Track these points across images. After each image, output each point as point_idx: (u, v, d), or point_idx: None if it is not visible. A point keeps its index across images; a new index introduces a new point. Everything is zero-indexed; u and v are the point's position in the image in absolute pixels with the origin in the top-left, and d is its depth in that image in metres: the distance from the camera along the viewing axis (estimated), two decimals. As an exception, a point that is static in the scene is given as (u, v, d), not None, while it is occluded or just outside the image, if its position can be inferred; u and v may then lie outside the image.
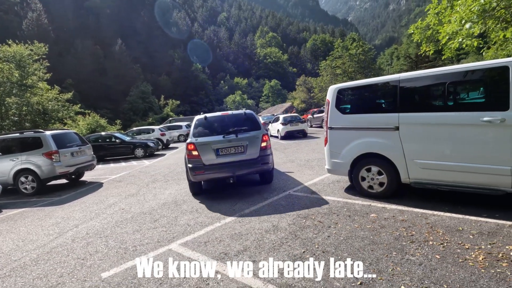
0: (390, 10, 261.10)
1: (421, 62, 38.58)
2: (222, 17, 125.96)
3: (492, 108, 3.49)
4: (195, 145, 5.21)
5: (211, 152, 5.23)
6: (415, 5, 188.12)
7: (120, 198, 6.35)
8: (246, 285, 2.56)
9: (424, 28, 8.86)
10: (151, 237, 3.94)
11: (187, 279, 2.76)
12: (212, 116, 5.75)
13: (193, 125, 5.59)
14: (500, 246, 2.76)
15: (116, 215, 5.16)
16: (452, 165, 3.77)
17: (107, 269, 3.13)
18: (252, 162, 5.34)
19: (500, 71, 3.45)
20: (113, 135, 15.16)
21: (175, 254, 3.34)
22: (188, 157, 5.28)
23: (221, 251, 3.26)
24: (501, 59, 3.56)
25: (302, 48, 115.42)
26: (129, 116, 49.26)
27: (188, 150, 5.26)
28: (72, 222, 5.00)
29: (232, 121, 5.64)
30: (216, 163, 5.23)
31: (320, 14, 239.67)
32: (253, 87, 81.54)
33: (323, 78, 41.94)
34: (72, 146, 8.30)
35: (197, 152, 5.18)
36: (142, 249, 3.57)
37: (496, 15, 6.53)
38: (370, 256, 2.81)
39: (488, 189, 3.58)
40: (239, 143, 5.35)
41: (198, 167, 5.20)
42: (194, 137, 5.35)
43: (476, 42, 6.53)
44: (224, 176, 5.26)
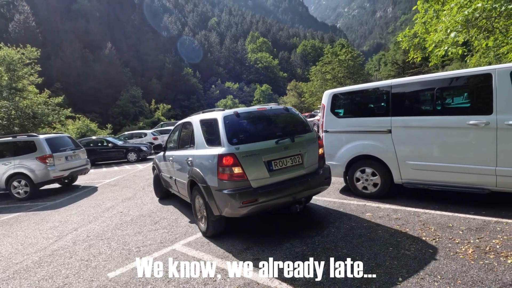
0: (377, 17, 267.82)
1: (408, 68, 39.75)
2: (213, 22, 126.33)
3: (477, 112, 3.74)
4: (236, 157, 3.17)
5: (261, 167, 3.32)
6: (401, 13, 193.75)
7: (117, 202, 6.36)
8: (252, 281, 2.68)
9: (411, 36, 9.24)
10: (154, 238, 4.00)
11: (193, 277, 2.86)
12: (246, 112, 3.72)
13: (220, 125, 3.43)
14: (487, 240, 2.97)
15: (115, 218, 5.18)
16: (441, 165, 4.00)
17: (113, 269, 3.19)
18: (313, 178, 3.69)
19: (484, 78, 3.72)
20: (105, 139, 15.03)
21: (179, 254, 3.42)
22: (222, 178, 3.23)
23: (225, 250, 3.37)
24: (485, 67, 3.83)
25: (292, 53, 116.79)
26: (119, 120, 48.58)
27: (222, 166, 3.20)
28: (71, 226, 5.00)
29: (275, 120, 3.92)
30: (270, 184, 3.36)
31: (309, 20, 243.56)
32: (244, 92, 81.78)
33: (314, 83, 42.68)
34: (66, 150, 8.23)
35: (241, 169, 3.18)
36: (146, 249, 3.64)
37: (478, 25, 6.93)
38: (368, 251, 2.97)
39: (474, 188, 3.81)
40: (297, 150, 3.63)
41: (246, 193, 3.17)
42: (230, 144, 3.25)
43: (460, 50, 6.89)
44: (282, 203, 3.46)
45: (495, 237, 3.01)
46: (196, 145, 3.90)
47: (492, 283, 2.26)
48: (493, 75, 3.61)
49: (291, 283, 2.56)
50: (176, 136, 5.05)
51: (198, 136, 3.92)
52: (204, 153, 3.62)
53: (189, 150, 4.13)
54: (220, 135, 3.38)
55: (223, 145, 3.29)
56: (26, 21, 52.38)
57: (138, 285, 2.81)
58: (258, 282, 2.64)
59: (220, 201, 3.29)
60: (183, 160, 4.25)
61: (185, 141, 4.49)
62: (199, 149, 3.81)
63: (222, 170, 3.23)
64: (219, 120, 3.49)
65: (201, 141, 3.81)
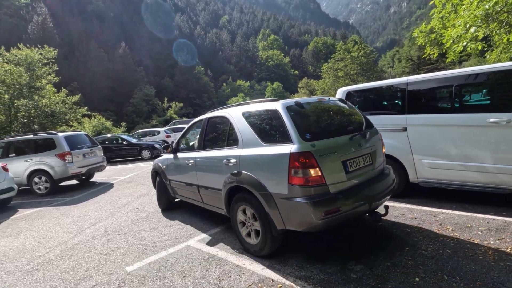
0: (391, 12, 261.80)
1: (423, 65, 38.69)
2: (224, 20, 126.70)
3: (498, 110, 3.63)
4: (314, 156, 2.57)
5: (339, 168, 2.76)
6: (416, 8, 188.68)
7: (133, 198, 6.51)
8: (267, 277, 2.71)
9: (428, 32, 9.01)
10: (169, 234, 4.09)
11: (209, 272, 2.91)
12: (308, 103, 3.16)
13: (285, 118, 2.79)
14: (508, 241, 2.89)
15: (131, 214, 5.32)
16: (459, 164, 3.90)
17: (130, 263, 3.28)
18: (384, 180, 3.16)
19: (505, 74, 3.60)
20: (119, 137, 15.39)
21: (194, 249, 3.48)
22: (294, 183, 2.56)
23: (240, 247, 3.41)
24: (506, 63, 3.71)
25: (303, 50, 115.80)
26: (132, 118, 49.55)
27: (296, 167, 2.55)
28: (89, 221, 5.16)
29: (338, 112, 3.40)
30: (348, 188, 2.79)
31: (321, 16, 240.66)
32: (256, 90, 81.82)
33: (325, 81, 42.14)
34: (83, 148, 8.48)
35: (319, 171, 2.57)
36: (162, 245, 3.72)
37: (499, 19, 6.69)
38: (383, 250, 2.95)
39: (494, 187, 3.71)
40: (368, 148, 3.14)
41: (328, 201, 2.56)
42: (303, 140, 2.63)
43: (480, 46, 6.68)
44: (361, 213, 2.87)
45: (517, 238, 2.92)
46: (243, 144, 3.13)
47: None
48: (516, 71, 3.49)
49: (305, 280, 2.57)
50: (197, 135, 4.26)
51: (244, 132, 3.16)
52: (261, 152, 2.88)
53: (228, 150, 3.35)
54: (287, 130, 2.70)
55: (294, 142, 2.62)
56: (44, 23, 53.99)
57: (156, 279, 2.89)
58: (272, 278, 2.67)
59: (289, 212, 2.63)
60: (216, 163, 3.51)
61: (217, 139, 3.81)
62: (248, 148, 3.05)
63: (295, 173, 2.55)
64: (281, 111, 2.83)
65: (251, 138, 3.06)
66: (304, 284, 2.52)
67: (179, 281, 2.80)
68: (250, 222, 3.15)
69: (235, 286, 2.61)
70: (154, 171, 5.43)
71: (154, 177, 5.50)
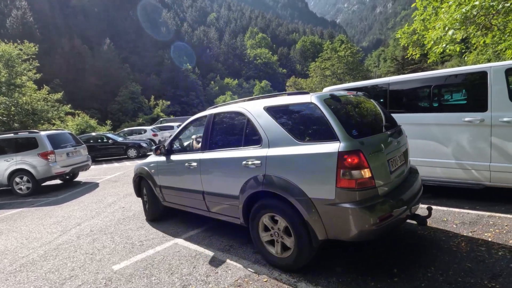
0: (377, 13, 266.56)
1: (407, 64, 39.70)
2: (211, 18, 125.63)
3: (473, 109, 3.83)
4: (364, 156, 2.29)
5: (386, 168, 2.54)
6: (401, 8, 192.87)
7: (119, 197, 6.45)
8: (253, 272, 2.78)
9: (410, 33, 9.30)
10: (156, 232, 4.10)
11: (196, 268, 2.95)
12: (342, 96, 2.88)
13: (325, 111, 2.45)
14: (480, 233, 3.07)
15: (117, 213, 5.28)
16: (437, 161, 4.10)
17: (117, 262, 3.29)
18: (417, 180, 3.00)
19: (479, 76, 3.80)
20: (105, 135, 15.10)
21: (182, 247, 3.52)
22: (344, 186, 2.26)
23: (226, 244, 3.47)
24: (480, 65, 3.91)
25: (291, 49, 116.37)
26: (118, 116, 48.55)
27: (346, 168, 2.25)
28: (74, 221, 5.09)
29: (369, 107, 3.10)
30: (392, 190, 2.57)
31: (309, 15, 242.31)
32: (244, 88, 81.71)
33: (313, 80, 42.61)
34: (67, 146, 8.30)
35: (370, 172, 2.31)
36: (149, 243, 3.73)
37: (477, 22, 6.98)
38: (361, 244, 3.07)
39: (470, 183, 3.91)
40: (403, 146, 3.02)
41: (382, 204, 2.32)
42: (351, 138, 2.34)
43: (458, 48, 6.96)
44: (405, 218, 2.62)
45: (488, 230, 3.11)
46: (268, 142, 2.72)
47: (483, 274, 2.36)
48: (488, 72, 3.69)
49: (290, 274, 2.65)
50: (201, 133, 3.83)
51: (270, 129, 2.74)
52: (296, 152, 2.49)
53: (248, 150, 2.90)
54: (331, 126, 2.37)
55: (341, 139, 2.29)
56: (23, 17, 52.09)
57: (143, 277, 2.91)
58: (258, 273, 2.74)
59: (335, 220, 2.31)
60: (231, 166, 3.05)
61: (229, 139, 3.33)
62: (277, 148, 2.64)
63: (344, 175, 2.24)
64: (320, 105, 2.48)
65: (280, 136, 2.65)
66: (289, 278, 2.60)
67: (166, 278, 2.83)
68: (277, 232, 2.71)
69: (221, 282, 2.67)
70: (137, 176, 4.69)
71: (137, 184, 4.78)
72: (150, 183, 4.40)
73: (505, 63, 3.67)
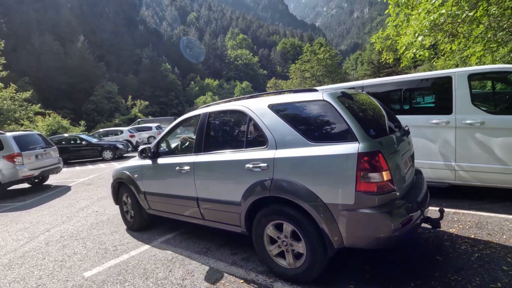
0: (354, 17, 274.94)
1: (382, 68, 41.21)
2: (191, 17, 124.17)
3: (440, 112, 4.05)
4: (384, 157, 2.15)
5: (402, 169, 2.43)
6: (377, 14, 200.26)
7: (92, 201, 6.20)
8: (230, 274, 2.77)
9: (384, 38, 9.67)
10: (131, 237, 3.98)
11: (172, 272, 2.91)
12: (353, 94, 2.70)
13: (340, 110, 2.27)
14: (445, 229, 3.25)
15: (90, 217, 5.07)
16: (408, 162, 4.29)
17: (89, 269, 3.16)
18: (424, 183, 2.91)
19: (445, 80, 4.03)
20: (78, 136, 14.48)
21: (158, 251, 3.44)
22: (365, 190, 2.09)
23: (203, 247, 3.44)
24: (446, 70, 4.15)
25: (272, 51, 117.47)
26: (93, 117, 46.76)
27: (367, 170, 2.08)
28: (43, 227, 4.84)
29: (377, 107, 2.88)
30: (406, 193, 2.47)
31: (289, 18, 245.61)
32: (224, 89, 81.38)
33: (293, 81, 43.16)
34: (36, 148, 7.88)
35: (390, 174, 2.16)
36: (123, 248, 3.62)
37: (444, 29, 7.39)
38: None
39: (436, 182, 4.13)
40: (412, 148, 2.96)
41: (401, 209, 2.17)
42: (369, 138, 2.17)
43: (427, 53, 7.34)
44: (418, 224, 2.40)
45: (452, 226, 3.30)
46: (276, 144, 2.49)
47: (448, 267, 2.50)
48: (453, 77, 3.92)
49: (266, 274, 2.68)
50: (190, 134, 3.72)
51: (277, 129, 2.51)
52: (309, 153, 2.28)
53: (251, 152, 2.65)
54: (348, 125, 2.18)
55: (359, 139, 2.12)
56: (-12, 10, 48.84)
57: (116, 283, 2.82)
58: (235, 275, 2.74)
59: (354, 226, 2.14)
60: (232, 169, 2.78)
61: (228, 140, 3.13)
62: (287, 149, 2.42)
63: (364, 178, 2.08)
64: (333, 103, 2.30)
65: (290, 136, 2.43)
66: (266, 278, 2.62)
67: (140, 283, 2.76)
68: (286, 241, 2.49)
69: (198, 284, 2.65)
70: (116, 182, 4.29)
71: (116, 190, 4.39)
72: (132, 190, 3.99)
73: (468, 69, 3.91)
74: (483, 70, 3.97)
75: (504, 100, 4.69)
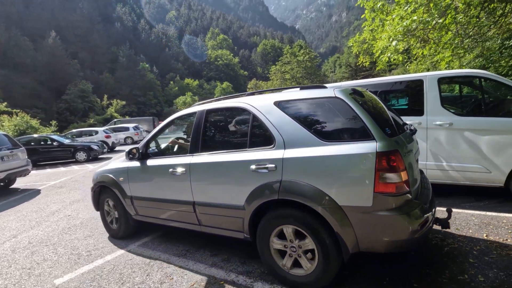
0: (333, 21, 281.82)
1: (359, 71, 42.61)
2: (171, 16, 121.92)
3: (413, 114, 4.24)
4: (401, 156, 2.07)
5: (414, 169, 2.42)
6: (354, 18, 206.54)
7: (64, 205, 5.91)
8: (210, 275, 2.74)
9: (361, 42, 9.98)
10: (106, 241, 3.84)
11: (150, 276, 2.83)
12: (363, 91, 2.56)
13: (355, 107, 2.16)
14: (418, 225, 3.39)
15: (61, 222, 4.83)
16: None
17: (60, 276, 3.00)
18: (428, 183, 2.86)
19: (417, 84, 4.22)
20: (49, 137, 13.74)
21: (135, 254, 3.34)
22: (383, 191, 1.99)
23: (182, 249, 3.37)
24: (418, 74, 4.36)
25: (253, 52, 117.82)
26: (65, 116, 44.60)
27: (386, 170, 1.99)
28: (9, 233, 4.54)
29: (383, 105, 2.73)
30: (419, 194, 2.44)
31: (269, 20, 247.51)
32: (205, 89, 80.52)
33: (273, 83, 43.57)
34: (2, 150, 7.39)
35: (406, 173, 2.09)
36: (98, 253, 3.48)
37: (416, 35, 7.76)
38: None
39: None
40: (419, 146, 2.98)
41: (419, 210, 2.10)
42: (386, 136, 2.09)
43: (401, 57, 7.67)
44: (431, 226, 2.30)
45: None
46: (284, 143, 2.34)
47: (420, 262, 2.61)
48: (424, 81, 4.12)
49: (247, 275, 2.67)
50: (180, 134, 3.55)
51: (285, 128, 2.37)
52: (323, 153, 2.15)
53: (256, 152, 2.48)
54: (363, 123, 2.08)
55: (377, 138, 2.02)
56: None
57: (89, 289, 2.70)
58: (215, 276, 2.71)
59: (371, 229, 2.05)
60: (234, 170, 2.59)
61: (229, 139, 2.99)
62: (296, 149, 2.28)
63: (383, 178, 1.98)
64: (347, 100, 2.18)
65: (300, 135, 2.29)
66: (246, 279, 2.62)
67: (116, 289, 2.66)
68: (295, 246, 2.34)
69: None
70: (98, 186, 3.96)
71: (97, 195, 4.07)
72: (117, 194, 3.64)
73: (438, 73, 4.12)
74: (451, 74, 4.21)
75: (470, 103, 4.99)
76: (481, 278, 2.28)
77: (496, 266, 2.42)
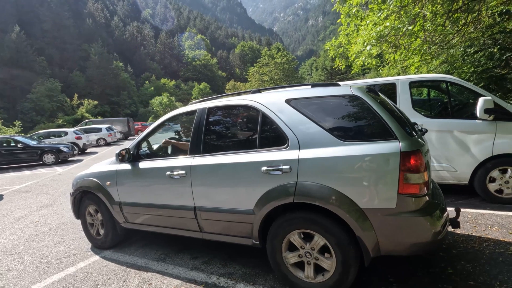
0: (309, 25, 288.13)
1: (335, 74, 43.89)
2: (146, 14, 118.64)
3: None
4: (423, 156, 2.03)
5: (429, 169, 2.39)
6: (330, 23, 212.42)
7: (31, 210, 5.54)
8: (190, 279, 2.69)
9: (337, 46, 10.29)
10: (79, 247, 3.65)
11: (127, 282, 2.72)
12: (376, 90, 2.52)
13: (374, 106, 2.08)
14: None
15: (28, 229, 4.53)
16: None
17: (27, 286, 2.81)
18: (435, 183, 2.81)
19: (390, 87, 4.42)
20: (12, 138, 12.84)
21: (110, 260, 3.20)
22: (408, 192, 1.93)
23: (161, 253, 3.28)
24: (391, 77, 4.56)
25: (231, 53, 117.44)
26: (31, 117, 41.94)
27: (410, 171, 1.92)
28: (-33, 242, 4.18)
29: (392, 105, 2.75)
30: (434, 194, 2.37)
31: (247, 21, 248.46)
32: (182, 89, 78.97)
33: (252, 84, 43.74)
34: (-42, 152, 6.80)
35: (427, 174, 2.08)
36: (69, 260, 3.29)
37: (388, 40, 8.13)
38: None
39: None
40: None
41: (440, 211, 2.09)
42: (408, 136, 2.04)
43: (374, 62, 7.99)
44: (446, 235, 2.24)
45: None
46: (299, 143, 2.20)
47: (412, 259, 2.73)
48: (397, 84, 4.32)
49: (228, 276, 2.65)
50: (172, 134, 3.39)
51: (300, 127, 2.23)
52: (342, 153, 2.05)
53: (267, 152, 2.32)
54: (385, 122, 2.01)
55: (399, 138, 1.95)
56: None
57: (61, 299, 2.55)
58: (196, 279, 2.66)
59: (394, 233, 1.97)
60: (243, 173, 2.40)
61: (234, 139, 2.78)
62: (313, 149, 2.15)
63: (407, 179, 1.91)
64: (365, 98, 2.11)
65: (316, 134, 2.17)
66: (227, 280, 2.59)
67: (90, 297, 2.54)
68: (310, 252, 2.21)
69: (156, 293, 2.52)
70: (79, 191, 3.59)
71: (78, 202, 3.70)
72: (104, 200, 3.34)
73: (409, 77, 4.35)
74: (421, 78, 4.45)
75: (438, 105, 5.31)
76: (450, 270, 2.42)
77: (464, 259, 2.58)
